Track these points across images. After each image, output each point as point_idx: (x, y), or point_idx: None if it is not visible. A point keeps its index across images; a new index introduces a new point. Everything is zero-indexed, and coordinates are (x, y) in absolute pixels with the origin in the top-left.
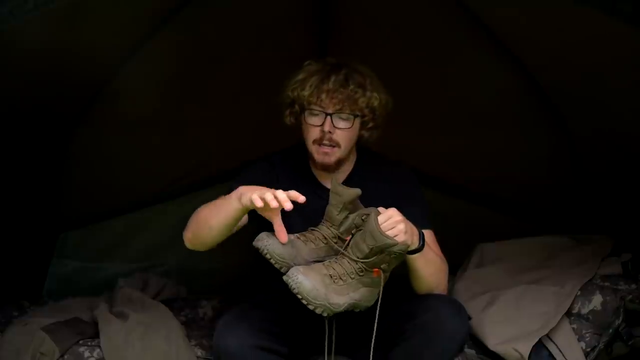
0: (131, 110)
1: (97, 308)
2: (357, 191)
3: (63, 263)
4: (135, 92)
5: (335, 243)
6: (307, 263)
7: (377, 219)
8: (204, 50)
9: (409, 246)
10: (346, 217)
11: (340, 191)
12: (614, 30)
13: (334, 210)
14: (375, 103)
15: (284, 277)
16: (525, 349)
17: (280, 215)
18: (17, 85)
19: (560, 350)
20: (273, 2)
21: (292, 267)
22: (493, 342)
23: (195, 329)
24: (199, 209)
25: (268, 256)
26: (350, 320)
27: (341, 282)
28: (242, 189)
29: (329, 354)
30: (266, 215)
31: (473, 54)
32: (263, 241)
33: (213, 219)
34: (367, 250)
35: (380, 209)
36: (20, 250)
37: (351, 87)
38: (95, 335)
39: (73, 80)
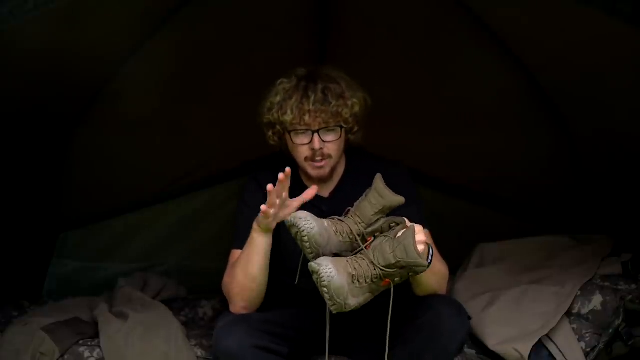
0: (131, 110)
1: (97, 308)
2: (401, 200)
3: (63, 263)
4: (135, 92)
5: (357, 241)
6: (331, 255)
7: (414, 235)
8: (204, 50)
9: (425, 271)
10: (378, 219)
11: (384, 193)
12: (614, 30)
13: (370, 209)
14: (357, 108)
15: (313, 264)
16: (525, 349)
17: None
18: (17, 85)
19: (560, 350)
20: (273, 2)
21: (320, 255)
22: (493, 342)
23: (195, 329)
24: (229, 279)
25: (306, 239)
26: (349, 320)
27: (357, 284)
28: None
29: (329, 352)
30: (283, 214)
31: (474, 53)
32: (306, 222)
33: (252, 269)
34: (392, 261)
35: (408, 223)
36: (20, 250)
37: (333, 102)
38: (95, 335)
39: (73, 80)
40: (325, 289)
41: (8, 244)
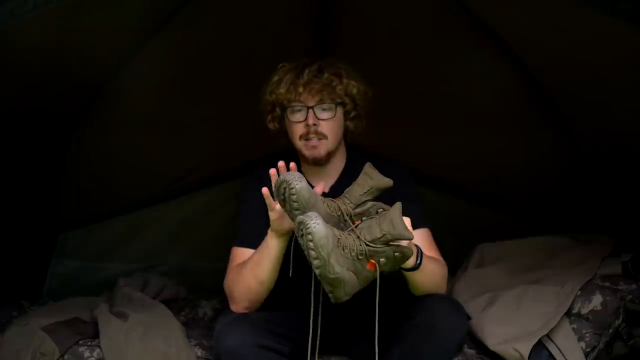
0: (131, 110)
1: (97, 308)
2: (389, 182)
3: (63, 263)
4: (135, 92)
5: (344, 219)
6: None
7: (401, 210)
8: (204, 50)
9: (412, 254)
10: (365, 201)
11: (372, 174)
12: (614, 30)
13: (358, 189)
14: (354, 91)
15: (300, 217)
16: (525, 349)
17: None
18: (17, 85)
19: (560, 350)
20: (273, 2)
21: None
22: (493, 342)
23: (195, 329)
24: (234, 278)
25: (293, 192)
26: (348, 319)
27: (342, 252)
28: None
29: (329, 353)
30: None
31: (473, 53)
32: (295, 178)
33: (262, 272)
34: (378, 235)
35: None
36: (20, 250)
37: (326, 75)
38: (95, 335)
39: (73, 80)
40: (309, 237)
41: (8, 244)
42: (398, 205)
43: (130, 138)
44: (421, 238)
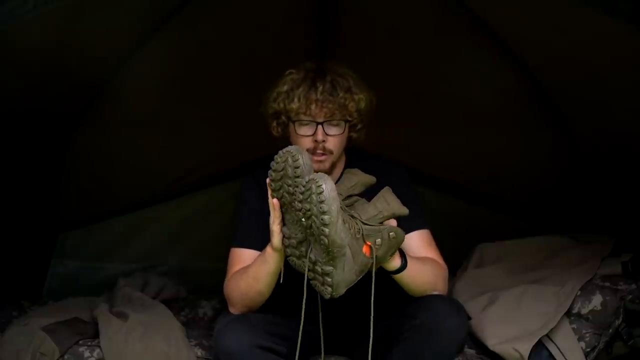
0: (131, 110)
1: (97, 308)
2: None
3: (63, 263)
4: (135, 92)
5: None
6: None
7: (391, 191)
8: (204, 50)
9: (404, 237)
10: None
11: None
12: (614, 30)
13: (373, 211)
14: (363, 105)
15: (312, 175)
16: (525, 349)
17: None
18: (17, 85)
19: (560, 350)
20: (273, 3)
21: None
22: (493, 342)
23: (195, 329)
24: (232, 285)
25: (297, 156)
26: (348, 319)
27: (344, 221)
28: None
29: (329, 353)
30: None
31: (473, 53)
32: (300, 151)
33: (259, 285)
34: (374, 213)
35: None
36: (20, 250)
37: (340, 94)
38: (95, 335)
39: (73, 80)
40: (321, 189)
41: (8, 244)
42: (387, 188)
43: (130, 138)
44: (421, 239)
